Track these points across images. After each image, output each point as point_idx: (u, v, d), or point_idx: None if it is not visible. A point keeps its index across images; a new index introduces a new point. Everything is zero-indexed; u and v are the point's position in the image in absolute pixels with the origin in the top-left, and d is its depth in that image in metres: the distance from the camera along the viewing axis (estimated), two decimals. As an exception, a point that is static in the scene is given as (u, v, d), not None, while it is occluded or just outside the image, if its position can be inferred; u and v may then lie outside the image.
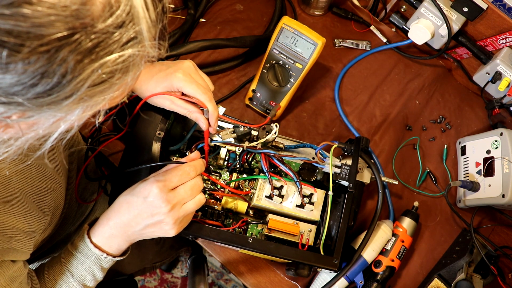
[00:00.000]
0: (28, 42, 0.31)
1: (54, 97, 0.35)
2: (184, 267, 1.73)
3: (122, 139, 0.86)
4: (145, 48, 0.38)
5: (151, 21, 0.38)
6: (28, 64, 0.32)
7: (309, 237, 0.77)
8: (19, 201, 0.61)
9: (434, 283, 0.86)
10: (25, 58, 0.31)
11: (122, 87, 0.39)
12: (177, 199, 0.63)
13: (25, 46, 0.31)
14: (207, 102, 0.68)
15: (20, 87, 0.33)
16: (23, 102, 0.34)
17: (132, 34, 0.36)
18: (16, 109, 0.35)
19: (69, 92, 0.35)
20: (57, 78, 0.33)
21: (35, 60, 0.32)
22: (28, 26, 0.31)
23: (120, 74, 0.38)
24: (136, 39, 0.37)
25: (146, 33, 0.38)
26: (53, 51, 0.32)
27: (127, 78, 0.39)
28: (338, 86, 1.01)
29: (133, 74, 0.39)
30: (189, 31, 0.99)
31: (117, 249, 0.67)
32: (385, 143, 0.98)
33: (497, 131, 0.90)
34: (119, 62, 0.36)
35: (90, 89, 0.36)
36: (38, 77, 0.33)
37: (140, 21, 0.37)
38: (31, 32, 0.31)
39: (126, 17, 0.35)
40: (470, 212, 0.94)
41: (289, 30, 0.84)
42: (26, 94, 0.33)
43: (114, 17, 0.34)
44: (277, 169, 0.78)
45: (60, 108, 0.36)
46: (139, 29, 0.37)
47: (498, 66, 0.95)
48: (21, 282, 0.63)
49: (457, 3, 0.94)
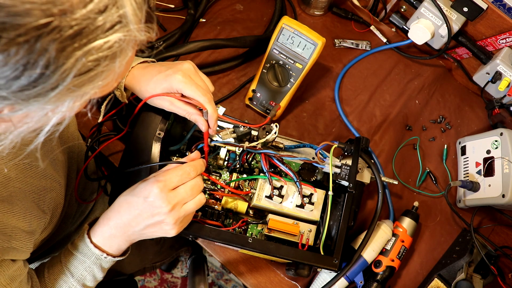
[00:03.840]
0: (5, 33, 0.30)
1: (39, 88, 0.34)
2: (184, 267, 1.73)
3: (122, 139, 0.86)
4: (131, 33, 0.36)
5: (136, 3, 0.36)
6: (8, 56, 0.31)
7: (309, 237, 0.77)
8: (18, 200, 0.61)
9: (434, 283, 0.86)
10: (4, 50, 0.30)
11: (110, 74, 0.38)
12: (177, 199, 0.63)
13: (3, 37, 0.30)
14: (206, 104, 0.68)
15: (3, 81, 0.32)
16: (8, 95, 0.33)
17: (116, 18, 0.35)
18: (2, 103, 0.34)
19: (55, 83, 0.34)
20: (40, 69, 0.32)
21: (15, 52, 0.31)
22: (3, 16, 0.30)
23: (106, 61, 0.36)
24: (121, 23, 0.35)
25: (132, 17, 0.36)
26: (33, 41, 0.31)
27: (115, 65, 0.37)
28: (338, 86, 1.01)
29: (120, 60, 0.37)
30: (189, 31, 0.99)
31: (117, 249, 0.67)
32: (385, 143, 0.98)
33: (497, 131, 0.90)
34: (104, 48, 0.35)
35: (77, 78, 0.35)
36: (20, 69, 0.32)
37: (124, 4, 0.35)
38: (7, 22, 0.30)
39: (109, 1, 0.34)
40: (470, 212, 0.94)
41: (289, 30, 0.84)
42: (10, 87, 0.33)
43: (96, 2, 0.33)
44: (277, 169, 0.78)
45: (48, 100, 0.35)
46: (123, 13, 0.35)
47: (498, 66, 0.95)
48: (21, 281, 0.63)
49: (457, 3, 0.94)
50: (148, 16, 0.39)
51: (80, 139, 0.84)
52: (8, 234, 0.59)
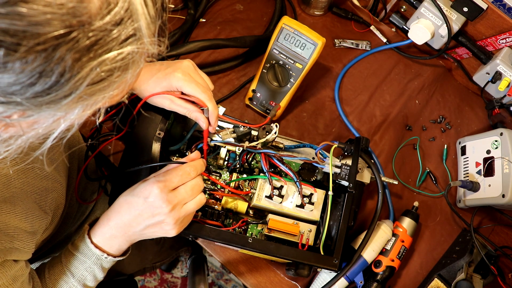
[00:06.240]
0: (25, 41, 0.31)
1: (53, 96, 0.34)
2: (184, 267, 1.73)
3: (122, 139, 0.86)
4: (144, 45, 0.38)
5: (150, 17, 0.38)
6: (26, 63, 0.32)
7: (309, 237, 0.77)
8: (20, 201, 0.61)
9: (434, 283, 0.86)
10: (22, 57, 0.31)
11: (121, 85, 0.39)
12: (177, 199, 0.63)
13: (22, 45, 0.31)
14: (206, 101, 0.68)
15: (19, 87, 0.33)
16: (22, 101, 0.34)
17: (131, 31, 0.36)
18: (15, 108, 0.34)
19: (68, 91, 0.35)
20: (55, 77, 0.33)
21: (32, 59, 0.31)
22: (25, 25, 0.30)
23: (119, 72, 0.37)
24: (135, 36, 0.37)
25: (145, 30, 0.37)
26: (51, 50, 0.32)
27: (127, 76, 0.38)
28: (338, 86, 1.01)
29: (132, 71, 0.39)
30: (189, 31, 0.99)
31: (118, 249, 0.67)
32: (385, 143, 0.98)
33: (497, 131, 0.90)
34: (118, 60, 0.36)
35: (89, 87, 0.36)
36: (36, 76, 0.33)
37: (139, 18, 0.36)
38: (28, 31, 0.31)
39: (125, 14, 0.35)
40: (470, 212, 0.94)
41: (289, 30, 0.84)
42: (24, 93, 0.33)
43: (112, 14, 0.34)
44: (277, 169, 0.79)
45: (60, 107, 0.36)
46: (138, 26, 0.36)
47: (498, 66, 0.95)
48: (22, 281, 0.63)
49: (457, 3, 0.94)
50: (160, 30, 0.40)
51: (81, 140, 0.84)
52: (10, 234, 0.60)
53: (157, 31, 0.40)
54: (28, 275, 0.65)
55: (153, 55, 0.40)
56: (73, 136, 0.80)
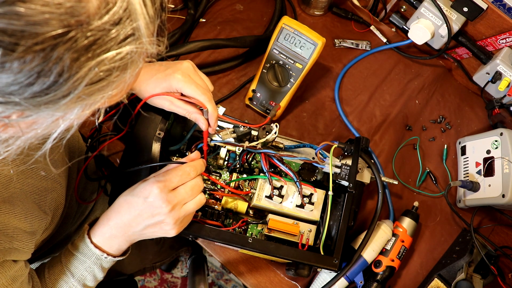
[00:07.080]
0: (23, 41, 0.31)
1: (51, 96, 0.34)
2: (184, 267, 1.73)
3: (122, 139, 0.86)
4: (143, 45, 0.38)
5: (149, 17, 0.37)
6: (24, 63, 0.31)
7: (309, 237, 0.77)
8: (20, 201, 0.61)
9: (434, 283, 0.86)
10: (20, 57, 0.31)
11: (120, 85, 0.39)
12: (177, 200, 0.63)
13: (20, 45, 0.31)
14: (206, 102, 0.68)
15: (17, 87, 0.33)
16: (20, 101, 0.34)
17: (130, 31, 0.36)
18: (14, 108, 0.34)
19: (67, 91, 0.35)
20: (54, 76, 0.33)
21: (30, 59, 0.31)
22: (22, 25, 0.30)
23: (118, 71, 0.37)
24: (134, 36, 0.36)
25: (144, 30, 0.37)
26: (49, 50, 0.32)
27: (126, 76, 0.38)
28: (338, 86, 1.01)
29: (131, 71, 0.39)
30: (189, 31, 0.99)
31: (118, 249, 0.67)
32: (385, 143, 0.98)
33: (497, 131, 0.90)
34: (116, 59, 0.36)
35: (88, 87, 0.36)
36: (34, 76, 0.32)
37: (137, 18, 0.36)
38: (26, 31, 0.30)
39: (123, 14, 0.35)
40: (470, 212, 0.94)
41: (289, 30, 0.84)
42: (23, 93, 0.33)
43: (111, 14, 0.34)
44: (277, 169, 0.79)
45: (58, 107, 0.36)
46: (136, 26, 0.36)
47: (498, 66, 0.95)
48: (22, 282, 0.63)
49: (457, 3, 0.94)
50: (159, 30, 0.40)
51: (81, 140, 0.84)
52: (10, 235, 0.59)
53: (156, 31, 0.39)
54: (28, 275, 0.65)
55: (152, 55, 0.40)
56: (72, 136, 0.80)
